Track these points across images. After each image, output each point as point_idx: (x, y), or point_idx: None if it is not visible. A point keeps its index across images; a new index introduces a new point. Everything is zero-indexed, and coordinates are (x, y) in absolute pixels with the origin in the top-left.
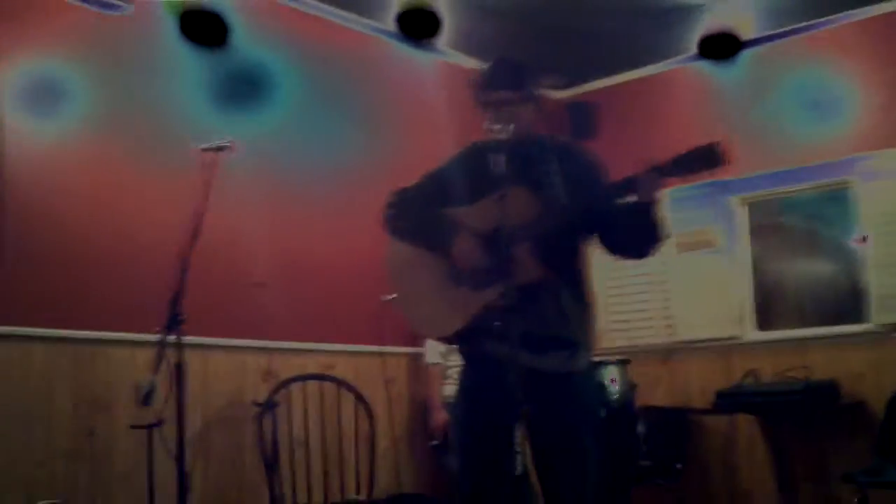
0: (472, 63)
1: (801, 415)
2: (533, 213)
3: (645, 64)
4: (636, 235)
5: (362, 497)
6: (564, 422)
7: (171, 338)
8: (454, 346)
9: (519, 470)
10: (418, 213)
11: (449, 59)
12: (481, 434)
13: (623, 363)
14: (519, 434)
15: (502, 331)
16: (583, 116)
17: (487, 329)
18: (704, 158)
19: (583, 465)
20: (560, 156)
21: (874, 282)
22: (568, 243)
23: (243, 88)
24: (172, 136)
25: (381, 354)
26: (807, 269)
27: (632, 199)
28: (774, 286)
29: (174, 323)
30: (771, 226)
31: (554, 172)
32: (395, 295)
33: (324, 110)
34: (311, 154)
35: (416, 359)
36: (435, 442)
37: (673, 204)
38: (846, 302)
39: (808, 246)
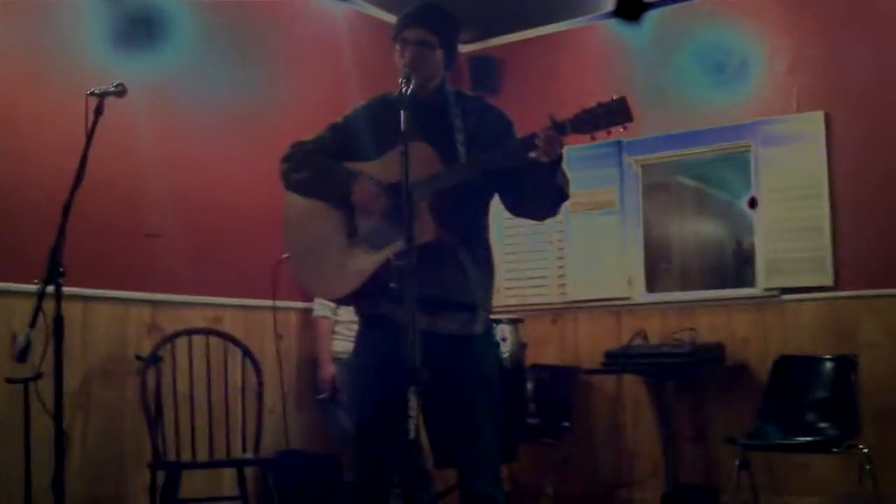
0: (379, 13)
1: (686, 376)
2: (433, 170)
3: (550, 21)
4: (538, 196)
5: (249, 455)
6: (463, 385)
7: (50, 289)
8: (349, 306)
9: (412, 434)
10: (317, 166)
11: (357, 7)
12: (376, 396)
13: (515, 322)
14: (414, 398)
15: (398, 292)
16: (485, 71)
17: (384, 290)
18: (610, 114)
19: (478, 429)
20: (467, 111)
21: (762, 246)
22: (469, 202)
23: (140, 29)
24: (64, 78)
25: (270, 309)
26: (698, 232)
27: (534, 157)
28: (666, 248)
29: (53, 274)
30: (664, 188)
31: (458, 128)
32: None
33: (224, 54)
34: (209, 99)
35: (306, 314)
36: (323, 396)
37: (570, 163)
38: (734, 265)
39: (699, 209)
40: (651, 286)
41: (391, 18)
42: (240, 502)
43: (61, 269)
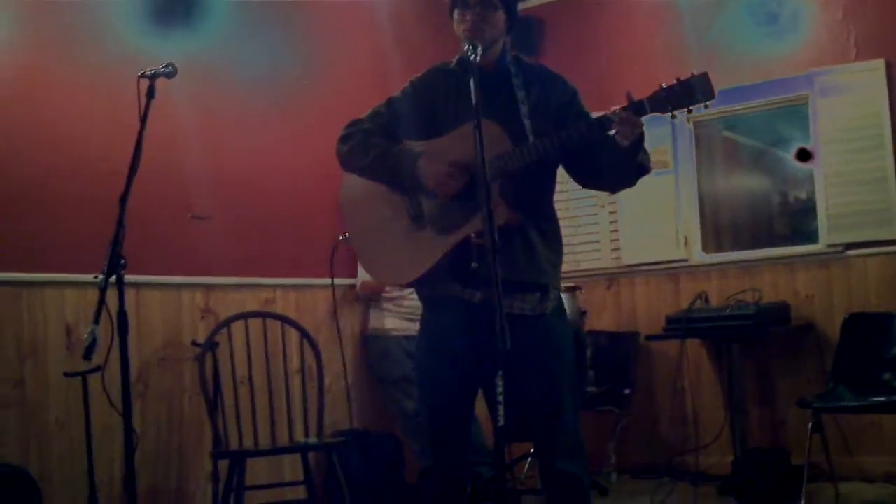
0: None
1: (752, 339)
2: (501, 149)
3: None
4: (617, 173)
5: (312, 438)
6: (542, 364)
7: (111, 282)
8: (414, 290)
9: (501, 421)
10: (379, 149)
11: None
12: (450, 380)
13: (572, 290)
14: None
15: (481, 272)
16: (526, 33)
17: (454, 272)
18: (691, 92)
19: (560, 408)
20: (529, 80)
21: (824, 201)
22: (537, 178)
23: (178, 9)
24: (107, 59)
25: (322, 288)
26: (755, 189)
27: (613, 137)
28: (722, 207)
29: (115, 266)
30: (719, 145)
31: (522, 100)
32: (348, 234)
33: (265, 31)
34: (252, 78)
35: (350, 290)
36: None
37: None
38: (797, 221)
39: (757, 164)
40: (710, 246)
41: None
42: (304, 487)
43: (123, 262)
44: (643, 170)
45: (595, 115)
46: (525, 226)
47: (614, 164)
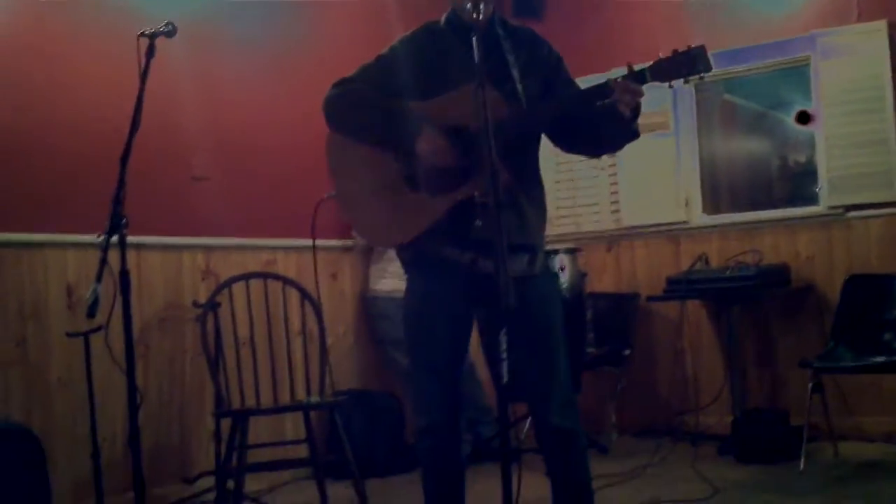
0: None
1: (753, 300)
2: (500, 114)
3: None
4: (608, 139)
5: (314, 397)
6: (535, 323)
7: (114, 241)
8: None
9: (505, 378)
10: (368, 107)
11: None
12: (446, 339)
13: (573, 251)
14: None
15: (483, 232)
16: None
17: (449, 233)
18: (691, 63)
19: (555, 365)
20: (517, 43)
21: (824, 163)
22: (527, 145)
23: None
24: (107, 18)
25: (323, 249)
26: (755, 151)
27: (613, 106)
28: (723, 169)
29: (117, 226)
30: (719, 107)
31: (512, 63)
32: (334, 193)
33: None
34: (248, 37)
35: (349, 252)
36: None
37: None
38: (797, 184)
39: (757, 127)
40: (710, 208)
41: None
42: (306, 445)
43: (124, 221)
44: (636, 136)
45: (596, 77)
46: (515, 190)
47: (610, 130)
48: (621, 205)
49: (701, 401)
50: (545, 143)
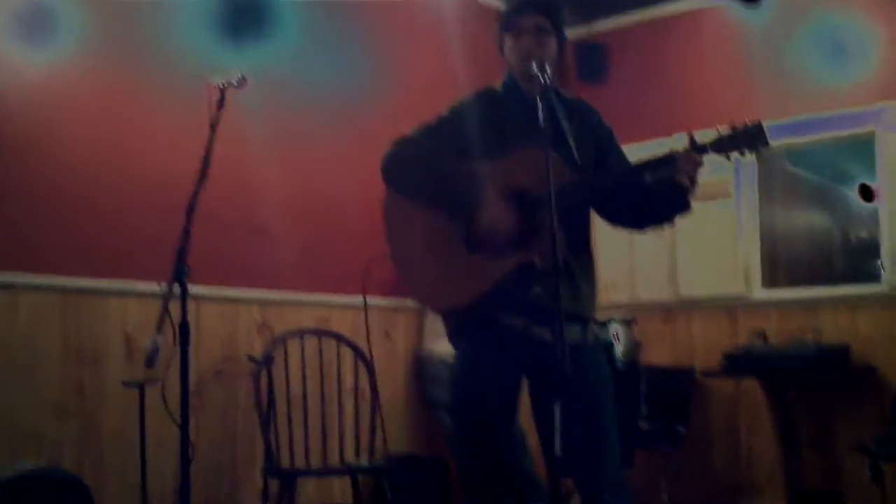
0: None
1: (811, 380)
2: (562, 179)
3: (659, 2)
4: (655, 211)
5: (363, 460)
6: (587, 395)
7: (176, 291)
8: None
9: (559, 451)
10: (431, 169)
11: None
12: (494, 408)
13: (628, 322)
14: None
15: (541, 298)
16: (592, 59)
17: (504, 299)
18: (750, 139)
19: (605, 439)
20: (570, 112)
21: (888, 239)
22: (580, 213)
23: (250, 18)
24: (176, 69)
25: (378, 308)
26: (816, 223)
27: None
28: (784, 242)
29: (180, 276)
30: (781, 178)
31: (567, 131)
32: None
33: (329, 44)
34: (315, 91)
35: (404, 311)
36: None
37: None
38: (858, 260)
39: (819, 200)
40: (770, 282)
41: (495, 3)
42: None
43: (187, 270)
44: (688, 208)
45: (657, 141)
46: (569, 259)
47: (664, 201)
48: (679, 275)
49: (755, 482)
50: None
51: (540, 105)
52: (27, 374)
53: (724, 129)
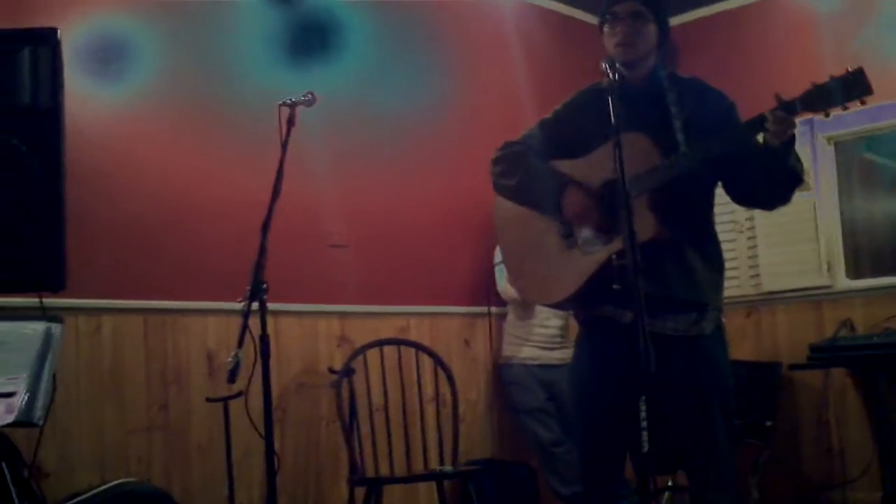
0: (554, 5)
1: None
2: (651, 163)
3: None
4: (769, 182)
5: (447, 466)
6: (694, 388)
7: (255, 307)
8: (570, 311)
9: (646, 447)
10: (524, 169)
11: (532, 0)
12: (605, 405)
13: None
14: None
15: (622, 293)
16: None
17: (605, 292)
18: (846, 88)
19: (713, 435)
20: (683, 94)
21: None
22: (693, 194)
23: (316, 40)
24: (245, 92)
25: (456, 315)
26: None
27: (764, 141)
28: (865, 231)
29: (258, 292)
30: (859, 166)
31: (675, 114)
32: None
33: (401, 60)
34: (386, 108)
35: (482, 318)
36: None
37: None
38: None
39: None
40: (854, 272)
41: (566, 10)
42: None
43: (265, 286)
44: (796, 178)
45: None
46: (679, 242)
47: (767, 170)
48: (761, 269)
49: (848, 475)
50: None
51: (610, 101)
52: (114, 394)
53: (818, 82)
